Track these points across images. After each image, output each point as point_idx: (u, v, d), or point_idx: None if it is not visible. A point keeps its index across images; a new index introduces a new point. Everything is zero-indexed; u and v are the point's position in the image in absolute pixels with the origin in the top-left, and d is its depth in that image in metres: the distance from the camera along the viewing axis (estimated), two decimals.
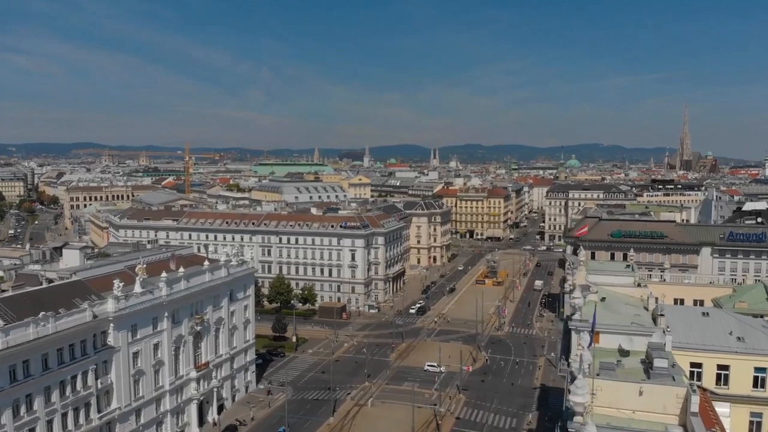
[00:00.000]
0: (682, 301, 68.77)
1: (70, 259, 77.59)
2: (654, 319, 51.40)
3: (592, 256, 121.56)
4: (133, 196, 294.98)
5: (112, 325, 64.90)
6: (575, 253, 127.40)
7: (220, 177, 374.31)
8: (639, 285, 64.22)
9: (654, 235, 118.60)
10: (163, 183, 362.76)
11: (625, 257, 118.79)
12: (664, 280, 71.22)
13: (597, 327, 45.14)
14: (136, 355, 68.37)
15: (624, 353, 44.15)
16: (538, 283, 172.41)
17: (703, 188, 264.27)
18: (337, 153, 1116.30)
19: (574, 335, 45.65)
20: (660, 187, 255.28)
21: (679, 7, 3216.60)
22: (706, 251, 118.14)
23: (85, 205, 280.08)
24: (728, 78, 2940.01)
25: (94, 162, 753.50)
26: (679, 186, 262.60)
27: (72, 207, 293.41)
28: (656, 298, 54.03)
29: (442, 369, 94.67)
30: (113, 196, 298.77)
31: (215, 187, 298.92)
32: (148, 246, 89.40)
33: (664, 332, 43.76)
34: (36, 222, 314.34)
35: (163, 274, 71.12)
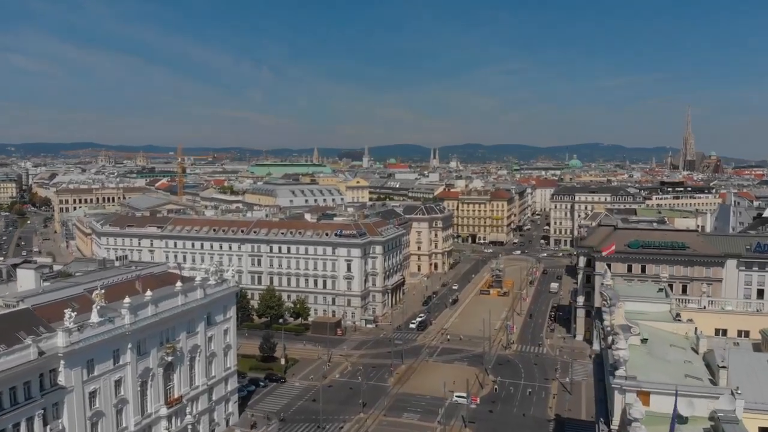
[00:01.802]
0: (724, 332, 59.36)
1: (25, 280, 68.28)
2: (708, 367, 42.19)
3: (608, 268, 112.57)
4: (124, 198, 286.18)
5: (62, 362, 55.58)
6: (589, 264, 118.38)
7: (215, 179, 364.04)
8: (677, 317, 54.90)
9: (675, 246, 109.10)
10: (156, 185, 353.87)
11: (643, 269, 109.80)
12: (704, 307, 61.72)
13: (647, 386, 35.97)
14: (93, 394, 59.07)
15: (682, 420, 34.85)
16: (554, 285, 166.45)
17: (714, 191, 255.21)
18: (336, 153, 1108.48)
19: (617, 395, 36.49)
20: (669, 189, 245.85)
21: (679, 6, 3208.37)
22: (731, 264, 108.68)
23: (75, 208, 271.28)
24: (728, 78, 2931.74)
25: (91, 162, 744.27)
26: (689, 189, 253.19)
27: (61, 210, 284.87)
28: (705, 344, 44.72)
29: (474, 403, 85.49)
30: (103, 198, 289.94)
31: (209, 189, 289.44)
32: (116, 263, 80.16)
33: (733, 394, 34.51)
34: (27, 224, 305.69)
35: (126, 300, 61.82)
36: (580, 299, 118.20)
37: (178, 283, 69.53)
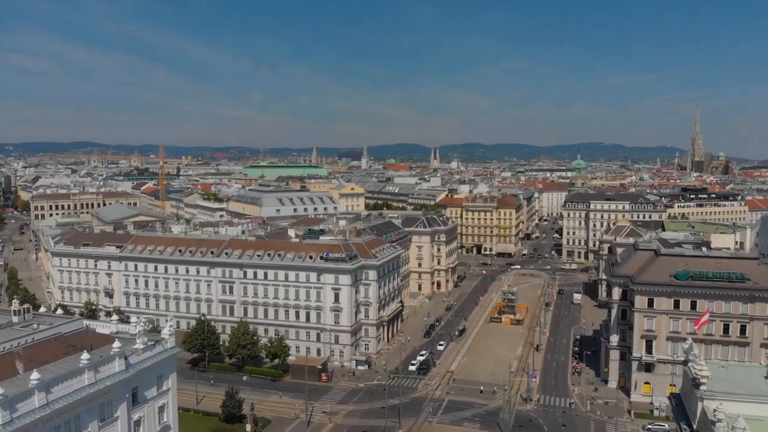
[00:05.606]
0: None
1: None
2: None
3: (650, 304, 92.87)
4: (104, 204, 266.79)
5: None
6: (625, 296, 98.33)
7: (202, 183, 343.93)
8: None
9: (732, 278, 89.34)
10: (143, 188, 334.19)
11: (693, 306, 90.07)
12: None
13: None
14: None
15: None
16: (577, 296, 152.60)
17: (739, 197, 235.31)
18: (336, 152, 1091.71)
19: None
20: (692, 196, 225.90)
21: (676, 6, 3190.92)
22: None
23: (51, 215, 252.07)
24: (727, 77, 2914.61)
25: (85, 162, 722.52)
26: (713, 196, 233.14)
27: (36, 217, 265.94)
28: None
29: None
30: (81, 204, 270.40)
31: (194, 194, 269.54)
32: (14, 318, 60.05)
33: None
34: (5, 230, 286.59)
35: None
36: (614, 338, 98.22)
37: (85, 355, 49.68)
